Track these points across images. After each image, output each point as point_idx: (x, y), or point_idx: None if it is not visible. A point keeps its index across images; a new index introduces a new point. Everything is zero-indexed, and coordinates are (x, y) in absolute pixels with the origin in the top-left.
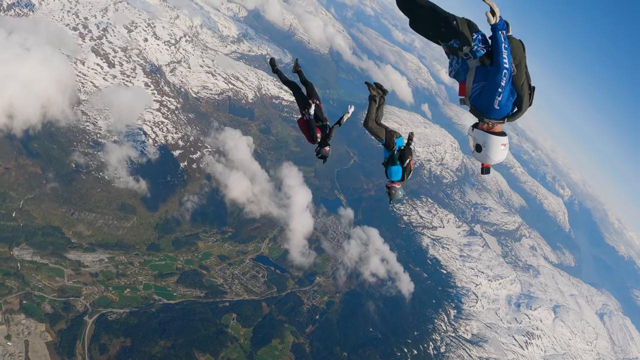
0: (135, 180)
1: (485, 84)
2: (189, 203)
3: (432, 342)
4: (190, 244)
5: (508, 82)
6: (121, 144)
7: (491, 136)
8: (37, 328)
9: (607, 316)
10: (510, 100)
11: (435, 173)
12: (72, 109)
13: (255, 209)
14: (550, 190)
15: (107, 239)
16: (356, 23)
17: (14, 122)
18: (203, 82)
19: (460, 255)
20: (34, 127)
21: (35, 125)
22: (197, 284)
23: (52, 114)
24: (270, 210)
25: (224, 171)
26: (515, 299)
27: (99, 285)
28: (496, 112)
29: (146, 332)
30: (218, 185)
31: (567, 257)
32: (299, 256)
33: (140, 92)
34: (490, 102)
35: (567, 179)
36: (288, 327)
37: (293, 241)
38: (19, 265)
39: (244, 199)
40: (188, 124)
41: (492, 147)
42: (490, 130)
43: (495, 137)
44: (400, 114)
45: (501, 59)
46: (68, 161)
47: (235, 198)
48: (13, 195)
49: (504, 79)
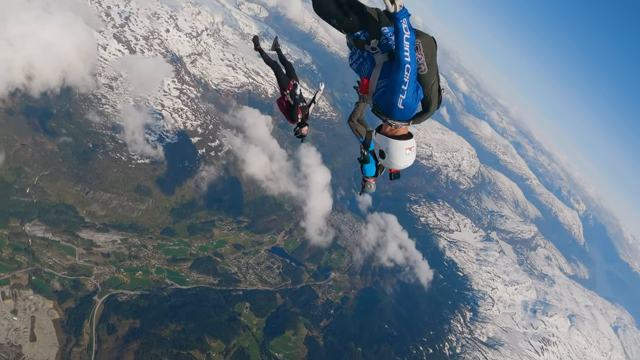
0: (152, 163)
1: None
2: (206, 190)
3: (447, 343)
4: (206, 230)
5: (412, 79)
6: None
7: (394, 141)
8: (44, 305)
9: (621, 330)
10: (417, 100)
11: (452, 179)
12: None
13: (273, 187)
14: (566, 204)
15: (121, 220)
16: None
17: (32, 83)
18: (223, 74)
19: (477, 259)
20: (53, 91)
21: (54, 89)
22: (210, 270)
23: (71, 80)
24: (289, 189)
25: (242, 146)
26: (531, 305)
27: (111, 266)
28: (400, 112)
29: (157, 314)
30: (235, 160)
31: (582, 269)
32: (315, 235)
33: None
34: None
35: (582, 193)
36: (302, 320)
37: (310, 220)
38: (30, 241)
39: (262, 176)
40: (207, 113)
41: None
42: (393, 133)
43: (399, 142)
44: None
45: (402, 53)
46: (85, 141)
47: (253, 174)
48: (28, 171)
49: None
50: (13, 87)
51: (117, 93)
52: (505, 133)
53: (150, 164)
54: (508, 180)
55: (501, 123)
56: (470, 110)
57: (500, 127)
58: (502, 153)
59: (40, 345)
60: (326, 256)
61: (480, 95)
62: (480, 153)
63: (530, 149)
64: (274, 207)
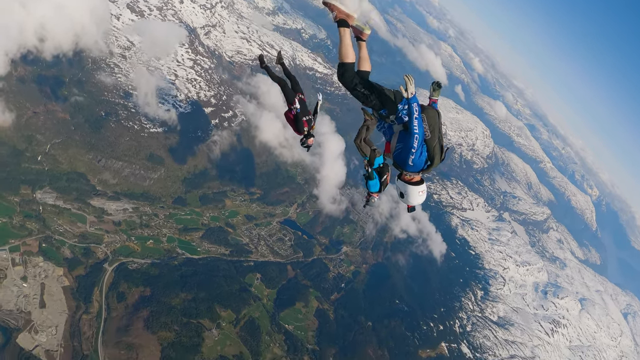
0: (164, 132)
1: (403, 146)
2: (218, 160)
3: (458, 320)
4: (218, 200)
5: (420, 144)
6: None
7: (410, 186)
8: (54, 272)
9: (631, 316)
10: (424, 157)
11: (465, 158)
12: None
13: (286, 154)
14: (579, 189)
15: (132, 188)
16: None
17: (44, 45)
18: (237, 47)
19: (489, 238)
20: (65, 54)
21: (67, 52)
22: (222, 241)
23: (84, 43)
24: (303, 157)
25: (256, 112)
26: (542, 286)
27: (121, 234)
28: (411, 167)
29: (167, 283)
30: (249, 129)
31: (594, 255)
32: (329, 203)
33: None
34: (405, 160)
35: (596, 179)
36: (313, 292)
37: (323, 187)
38: (41, 209)
39: (276, 143)
40: (221, 84)
41: (411, 194)
42: (409, 180)
43: (414, 187)
44: None
45: (412, 126)
46: (97, 109)
47: (266, 141)
48: (40, 139)
49: (415, 142)
50: (25, 48)
51: (130, 63)
52: (520, 115)
53: (163, 133)
54: (522, 162)
55: (516, 105)
56: (485, 91)
57: (514, 109)
58: (517, 135)
59: (49, 312)
60: (338, 230)
61: (495, 76)
62: (494, 134)
63: (544, 131)
64: (287, 180)
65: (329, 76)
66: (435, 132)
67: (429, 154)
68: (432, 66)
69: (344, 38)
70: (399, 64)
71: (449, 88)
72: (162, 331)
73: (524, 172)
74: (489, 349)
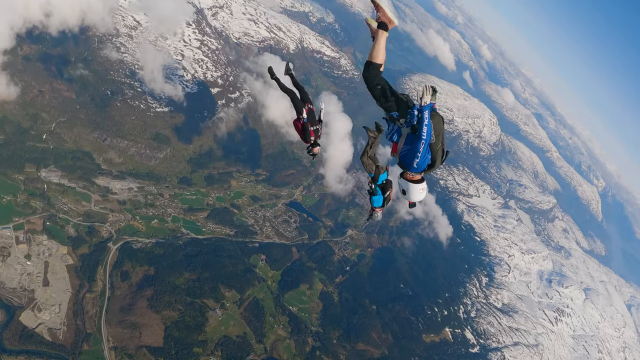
0: (170, 112)
1: (410, 148)
2: (224, 140)
3: (462, 306)
4: (223, 181)
5: (426, 149)
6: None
7: (411, 184)
8: (58, 250)
9: (634, 308)
10: (427, 160)
11: (472, 144)
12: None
13: (293, 133)
14: (585, 179)
15: (138, 168)
16: None
17: (50, 20)
18: (245, 28)
19: (495, 225)
20: (71, 30)
21: (73, 28)
22: (227, 221)
23: (90, 19)
24: None
25: (263, 90)
26: (547, 274)
27: (126, 213)
28: (414, 169)
29: (171, 263)
30: (255, 107)
31: (599, 245)
32: (335, 183)
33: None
34: (411, 162)
35: (602, 169)
36: (317, 275)
37: (330, 167)
38: (46, 187)
39: (282, 122)
40: (228, 65)
41: (413, 191)
42: (411, 179)
43: (415, 184)
44: (440, 84)
45: (421, 132)
46: (103, 88)
47: (273, 120)
48: (45, 117)
49: (422, 147)
50: (30, 23)
51: (137, 42)
52: (527, 104)
53: (169, 113)
54: (528, 151)
55: (524, 94)
56: (492, 78)
57: (522, 98)
58: (524, 123)
59: (53, 290)
60: (344, 213)
61: (503, 64)
62: (501, 122)
63: (552, 121)
64: (293, 162)
65: (336, 59)
66: (440, 137)
67: (432, 156)
68: (441, 52)
69: (381, 40)
70: (407, 50)
71: (457, 75)
72: (165, 310)
73: (531, 160)
74: (492, 336)
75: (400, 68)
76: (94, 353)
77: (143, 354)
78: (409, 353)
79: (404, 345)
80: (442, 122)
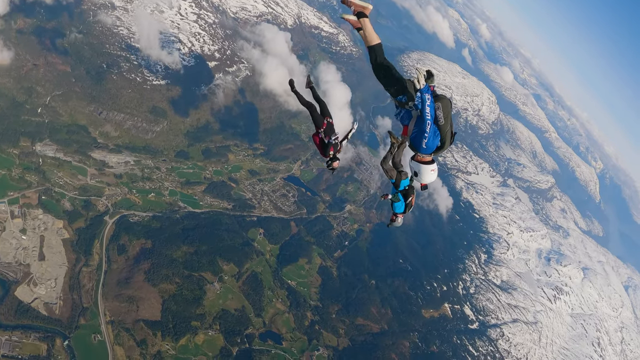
0: (167, 85)
1: (418, 130)
2: (222, 114)
3: (461, 282)
4: (221, 155)
5: (432, 129)
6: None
7: (422, 165)
8: (54, 224)
9: (631, 289)
10: (436, 141)
11: (471, 123)
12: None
13: (292, 102)
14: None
15: (134, 141)
16: None
17: None
18: (242, 3)
19: (493, 202)
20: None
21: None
22: (225, 195)
23: None
24: None
25: (261, 58)
26: (545, 253)
27: (123, 187)
28: (424, 150)
29: (169, 236)
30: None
31: (596, 226)
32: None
33: None
34: (420, 143)
35: (601, 151)
36: (316, 249)
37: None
38: (41, 161)
39: (281, 90)
40: (225, 39)
41: (424, 173)
42: (422, 160)
43: (426, 165)
44: (439, 62)
45: (424, 113)
46: (99, 62)
47: (271, 89)
48: (40, 91)
49: (428, 127)
50: None
51: (133, 15)
52: (526, 84)
53: (166, 86)
54: (527, 130)
55: (522, 74)
56: (491, 58)
57: (521, 78)
58: (522, 103)
59: (48, 264)
60: (342, 188)
61: (502, 43)
62: (500, 101)
63: (550, 102)
64: (291, 136)
65: (334, 35)
66: (448, 119)
67: (442, 138)
68: (440, 28)
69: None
70: (405, 27)
71: (456, 52)
72: (163, 283)
73: (529, 140)
74: (491, 312)
75: (399, 46)
76: (90, 327)
77: (140, 328)
78: (408, 328)
79: (403, 320)
80: (450, 105)
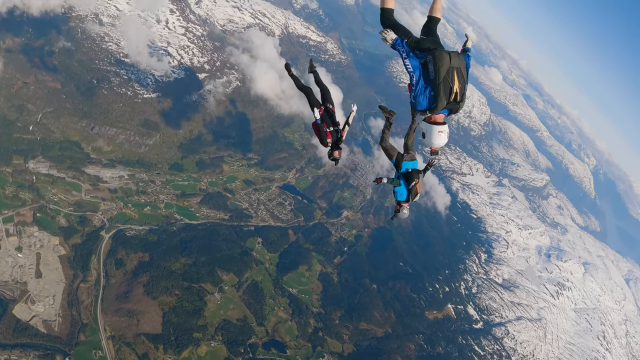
0: (158, 97)
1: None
2: (214, 125)
3: (463, 282)
4: (215, 166)
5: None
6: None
7: (430, 125)
8: (50, 241)
9: (632, 282)
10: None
11: (463, 124)
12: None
13: (284, 106)
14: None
15: (128, 155)
16: None
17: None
18: (229, 15)
19: (490, 202)
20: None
21: (55, 8)
22: (221, 206)
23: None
24: (301, 109)
25: (250, 63)
26: (545, 249)
27: (118, 201)
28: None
29: (166, 248)
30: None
31: (593, 222)
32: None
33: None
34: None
35: (593, 147)
36: (315, 256)
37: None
38: (34, 178)
39: (272, 95)
40: (214, 50)
41: (431, 133)
42: (430, 121)
43: (433, 126)
44: None
45: (406, 66)
46: (89, 77)
47: (263, 93)
48: (31, 109)
49: (413, 78)
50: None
51: (121, 31)
52: (515, 85)
53: (157, 98)
54: (519, 130)
55: (511, 75)
56: (478, 60)
57: (510, 79)
58: (512, 104)
59: (46, 281)
60: (338, 194)
61: (489, 46)
62: (490, 102)
63: (540, 101)
64: (284, 145)
65: (322, 44)
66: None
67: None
68: None
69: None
70: None
71: None
72: (163, 296)
73: (521, 140)
74: (495, 311)
75: (387, 52)
76: (91, 343)
77: (141, 342)
78: (412, 330)
79: (407, 322)
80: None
